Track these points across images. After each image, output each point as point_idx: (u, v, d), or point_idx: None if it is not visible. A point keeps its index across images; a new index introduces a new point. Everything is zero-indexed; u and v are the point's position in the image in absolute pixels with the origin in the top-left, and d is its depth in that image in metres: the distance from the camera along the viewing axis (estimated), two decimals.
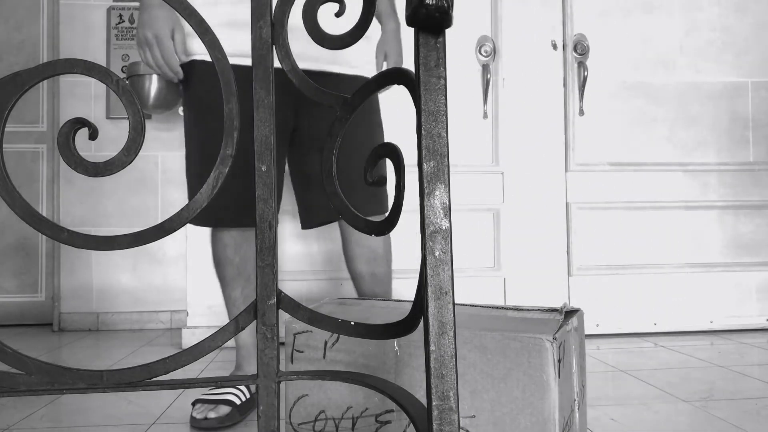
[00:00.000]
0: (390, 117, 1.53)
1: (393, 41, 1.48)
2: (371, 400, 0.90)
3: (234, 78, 0.53)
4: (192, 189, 1.33)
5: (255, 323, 0.54)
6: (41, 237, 2.62)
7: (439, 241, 0.44)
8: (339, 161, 0.56)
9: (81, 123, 0.50)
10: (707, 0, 2.24)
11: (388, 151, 0.52)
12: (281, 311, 0.54)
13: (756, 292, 2.22)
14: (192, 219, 0.55)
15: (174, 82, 1.31)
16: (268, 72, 0.53)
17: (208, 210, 0.57)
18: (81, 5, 2.56)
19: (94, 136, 0.49)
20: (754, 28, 2.26)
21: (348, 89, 0.65)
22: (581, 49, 2.17)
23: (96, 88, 2.56)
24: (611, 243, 2.18)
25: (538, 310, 0.93)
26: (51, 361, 0.55)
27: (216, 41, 0.53)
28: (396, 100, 1.48)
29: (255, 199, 0.53)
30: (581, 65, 2.16)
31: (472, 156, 2.16)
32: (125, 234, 0.52)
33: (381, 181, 0.55)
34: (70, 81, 2.54)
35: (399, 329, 0.52)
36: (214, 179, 0.52)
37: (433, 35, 0.45)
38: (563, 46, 2.18)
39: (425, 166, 0.45)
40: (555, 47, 2.18)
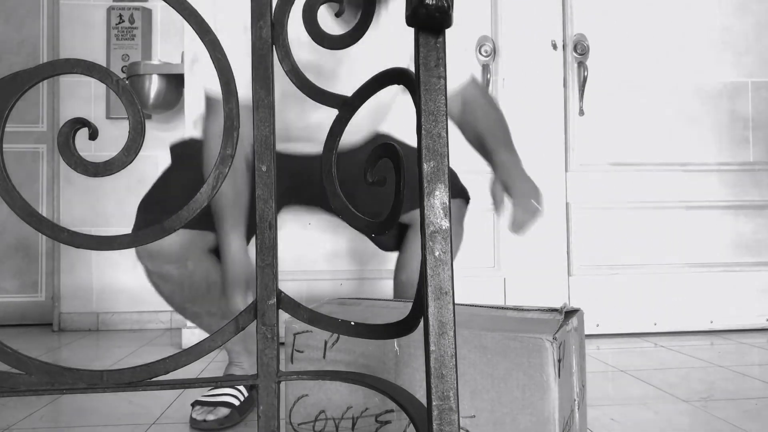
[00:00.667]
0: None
1: None
2: (371, 400, 0.90)
3: (234, 78, 0.53)
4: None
5: (255, 323, 0.54)
6: (41, 237, 2.62)
7: (439, 241, 0.44)
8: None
9: (81, 123, 0.49)
10: (707, 0, 2.24)
11: (388, 152, 0.52)
12: (281, 311, 0.54)
13: (756, 292, 2.21)
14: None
15: None
16: (268, 72, 0.53)
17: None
18: (81, 5, 2.56)
19: (94, 136, 0.49)
20: (754, 28, 2.26)
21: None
22: (581, 49, 2.17)
23: (96, 88, 2.56)
24: (611, 243, 2.18)
25: (538, 310, 0.93)
26: (51, 361, 0.55)
27: (216, 41, 0.53)
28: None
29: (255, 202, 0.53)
30: (581, 65, 2.16)
31: (472, 156, 2.16)
32: (125, 234, 0.52)
33: (381, 182, 0.55)
34: (70, 81, 2.54)
35: (399, 329, 0.52)
36: (214, 179, 0.52)
37: (433, 35, 0.45)
38: (563, 46, 2.18)
39: (425, 166, 0.45)
40: (555, 47, 2.18)
